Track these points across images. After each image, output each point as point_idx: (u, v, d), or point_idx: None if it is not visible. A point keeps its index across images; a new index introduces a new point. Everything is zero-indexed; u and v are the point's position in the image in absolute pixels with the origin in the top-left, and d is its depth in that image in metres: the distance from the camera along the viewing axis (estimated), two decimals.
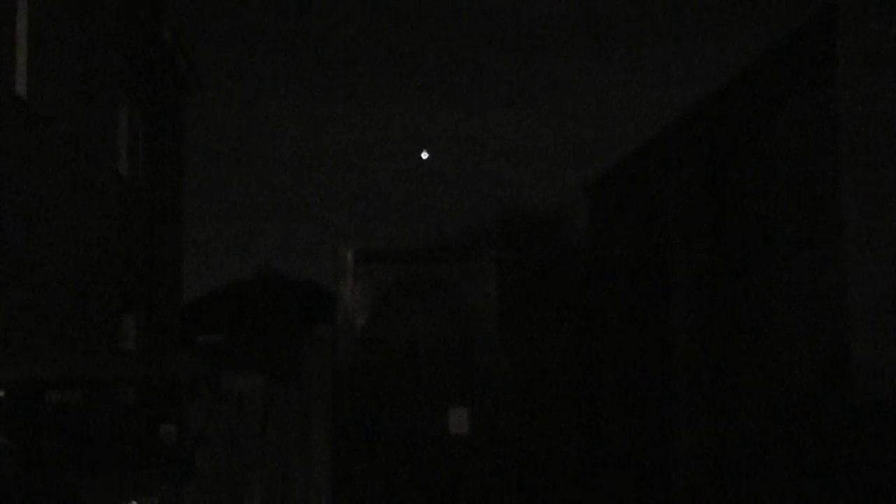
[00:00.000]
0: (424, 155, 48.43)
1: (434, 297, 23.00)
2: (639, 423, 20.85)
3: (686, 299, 20.80)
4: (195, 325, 30.61)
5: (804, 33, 15.94)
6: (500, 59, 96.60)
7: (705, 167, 20.39)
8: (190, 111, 24.04)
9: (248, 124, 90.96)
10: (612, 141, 76.08)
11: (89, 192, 18.10)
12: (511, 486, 20.36)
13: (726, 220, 19.41)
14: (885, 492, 14.10)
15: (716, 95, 19.57)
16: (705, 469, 19.48)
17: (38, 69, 15.48)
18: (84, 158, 17.74)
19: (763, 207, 17.77)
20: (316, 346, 27.22)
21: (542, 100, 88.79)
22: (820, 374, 15.59)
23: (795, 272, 16.49)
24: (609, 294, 22.94)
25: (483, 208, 44.45)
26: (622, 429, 20.83)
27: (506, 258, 23.77)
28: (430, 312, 23.24)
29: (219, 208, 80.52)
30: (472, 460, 20.80)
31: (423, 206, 76.81)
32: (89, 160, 18.04)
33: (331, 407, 20.01)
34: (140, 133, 21.65)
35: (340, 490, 19.35)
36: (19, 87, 14.99)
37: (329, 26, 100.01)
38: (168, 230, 23.87)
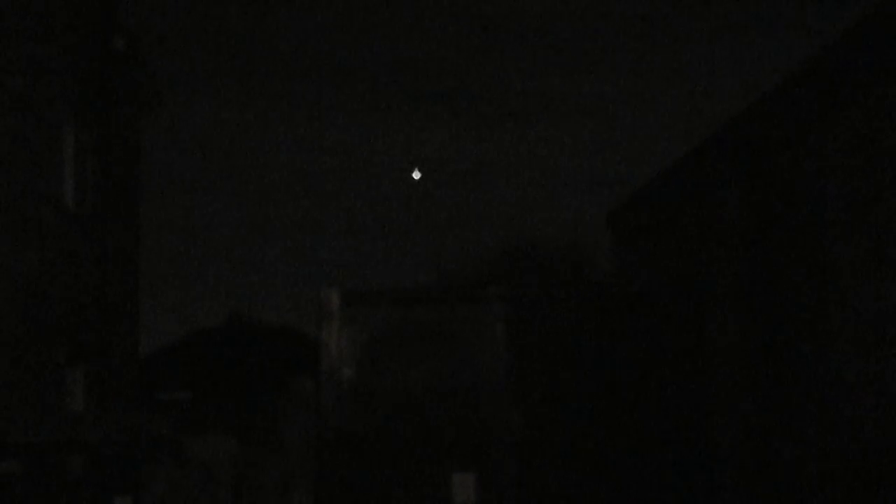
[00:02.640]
0: (416, 175, 48.65)
1: (433, 344, 23.01)
2: (680, 485, 20.84)
3: (724, 340, 20.79)
4: (155, 379, 30.64)
5: (861, 28, 16.06)
6: (501, 72, 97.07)
7: (748, 187, 20.44)
8: (148, 132, 24.12)
9: (216, 147, 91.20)
10: (632, 164, 76.42)
11: (28, 228, 18.12)
12: None
13: (774, 250, 19.44)
14: None
15: (758, 106, 19.66)
16: None
17: None
18: (22, 188, 17.78)
19: (817, 233, 17.83)
20: (296, 403, 27.07)
21: (552, 119, 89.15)
22: (876, 430, 15.56)
23: (857, 310, 16.48)
24: (638, 334, 22.93)
25: (488, 241, 44.59)
26: (662, 494, 20.82)
27: (515, 298, 23.83)
28: (428, 362, 23.27)
29: (181, 245, 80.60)
30: None
31: (418, 238, 76.94)
32: (29, 190, 18.08)
33: (314, 474, 19.94)
34: (89, 158, 21.73)
35: None
36: None
37: (308, 35, 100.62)
38: (122, 270, 23.88)
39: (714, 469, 20.52)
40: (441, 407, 22.46)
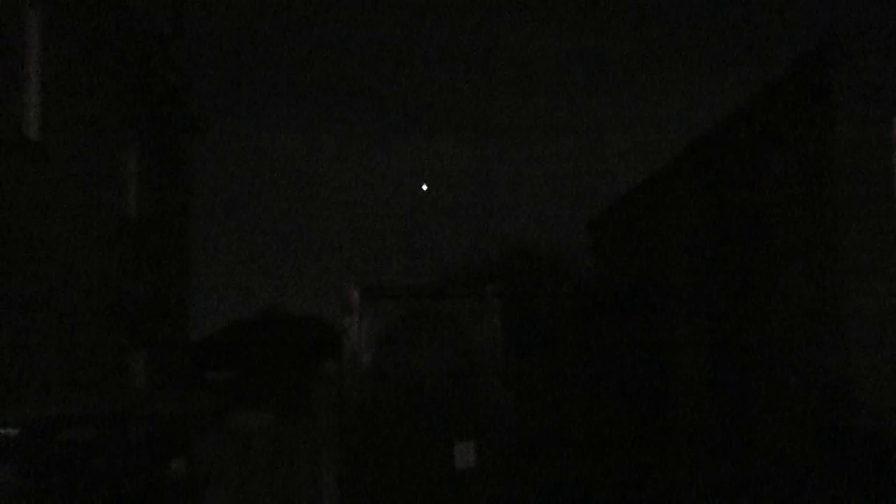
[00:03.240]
0: (424, 187, 48.79)
1: (439, 332, 22.92)
2: (647, 451, 20.92)
3: (688, 328, 20.92)
4: (203, 361, 30.56)
5: (799, 69, 16.10)
6: (499, 97, 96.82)
7: (704, 202, 20.52)
8: (198, 152, 24.06)
9: (255, 165, 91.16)
10: (610, 180, 76.27)
11: (99, 234, 18.21)
12: None
13: (727, 253, 19.51)
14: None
15: (714, 131, 19.75)
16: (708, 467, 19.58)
17: (50, 115, 15.60)
18: (94, 200, 17.87)
19: (762, 236, 17.87)
20: (323, 383, 27.09)
21: (542, 139, 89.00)
22: (818, 402, 15.67)
23: (798, 302, 16.66)
24: (612, 325, 23.01)
25: (486, 245, 44.61)
26: (631, 458, 20.88)
27: (510, 294, 23.70)
28: (435, 348, 23.14)
29: (225, 248, 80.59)
30: (479, 495, 20.76)
31: (426, 242, 76.87)
32: (101, 201, 18.17)
33: (338, 443, 19.96)
34: (149, 175, 21.80)
35: None
36: (32, 131, 15.13)
37: (330, 66, 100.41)
38: (176, 270, 23.96)
39: (674, 430, 20.65)
40: (445, 385, 22.34)
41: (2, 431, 11.99)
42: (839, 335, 15.06)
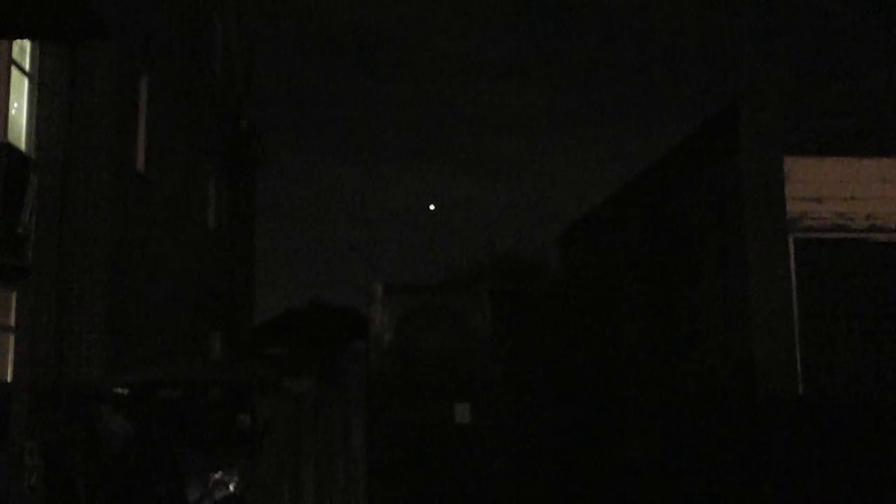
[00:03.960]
0: (432, 207, 48.83)
1: (443, 319, 22.86)
2: (600, 409, 20.88)
3: (633, 318, 20.99)
4: (264, 340, 30.63)
5: (714, 121, 16.08)
6: (492, 140, 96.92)
7: (646, 221, 20.48)
8: (261, 178, 24.28)
9: (304, 186, 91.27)
10: (576, 203, 76.43)
11: (187, 242, 18.33)
12: (505, 464, 20.32)
13: (662, 261, 19.48)
14: (777, 468, 14.26)
15: (651, 167, 19.73)
16: (649, 445, 19.54)
17: (153, 152, 15.76)
18: (184, 216, 18.00)
19: (688, 248, 17.76)
20: (353, 357, 27.14)
21: (526, 171, 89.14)
22: (730, 374, 15.65)
23: (714, 297, 16.55)
24: (576, 316, 23.01)
25: (480, 252, 44.70)
26: (589, 414, 20.85)
27: (497, 291, 23.70)
28: (440, 331, 23.07)
29: (282, 252, 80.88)
30: (473, 443, 20.72)
31: (434, 249, 77.02)
32: (188, 218, 18.29)
33: (365, 403, 20.05)
34: (224, 197, 21.90)
35: (372, 465, 19.43)
36: (139, 164, 15.32)
37: (360, 115, 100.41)
38: (243, 269, 24.12)
39: (622, 397, 20.66)
40: (448, 360, 22.24)
41: (118, 390, 12.26)
42: (745, 325, 15.06)
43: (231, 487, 11.56)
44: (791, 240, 14.97)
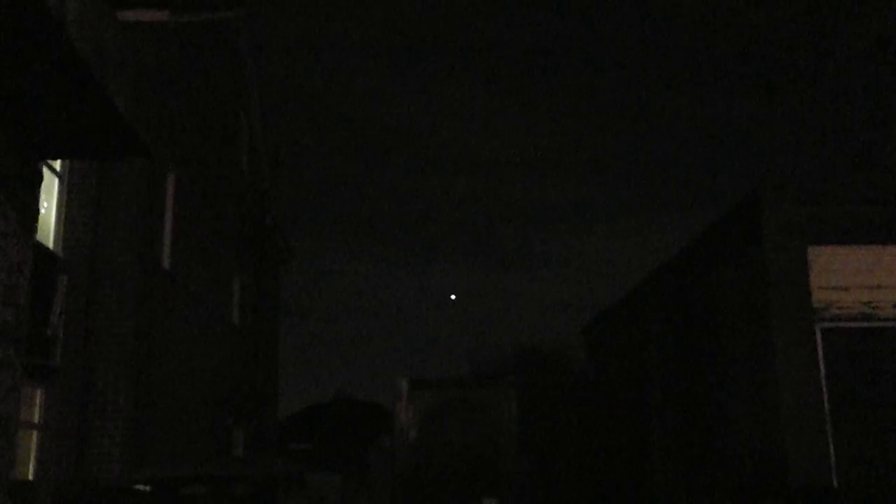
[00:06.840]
0: (453, 297, 48.90)
1: (469, 414, 22.72)
2: (629, 497, 20.50)
3: (659, 412, 20.67)
4: (288, 435, 30.41)
5: (738, 212, 16.09)
6: (517, 235, 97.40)
7: (671, 312, 20.35)
8: (285, 274, 24.37)
9: (327, 281, 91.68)
10: (600, 295, 76.19)
11: (211, 337, 18.31)
12: None
13: (688, 351, 19.32)
14: None
15: (676, 257, 19.68)
16: None
17: (178, 250, 15.86)
18: (209, 312, 18.01)
19: (713, 340, 17.61)
20: (379, 453, 26.88)
21: (550, 263, 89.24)
22: (760, 465, 15.46)
23: (742, 387, 16.35)
24: (602, 408, 22.75)
25: (505, 346, 44.48)
26: (617, 499, 20.45)
27: (522, 383, 23.54)
28: (465, 426, 22.92)
29: (305, 347, 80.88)
30: None
31: (458, 343, 76.69)
32: (212, 314, 18.30)
33: (391, 499, 19.74)
34: (248, 293, 21.94)
35: None
36: (165, 262, 15.41)
37: (384, 211, 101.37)
38: (267, 365, 24.03)
39: (652, 490, 20.21)
40: (474, 454, 22.06)
41: (140, 487, 12.08)
42: (775, 417, 14.84)
43: None
44: (818, 329, 14.84)
